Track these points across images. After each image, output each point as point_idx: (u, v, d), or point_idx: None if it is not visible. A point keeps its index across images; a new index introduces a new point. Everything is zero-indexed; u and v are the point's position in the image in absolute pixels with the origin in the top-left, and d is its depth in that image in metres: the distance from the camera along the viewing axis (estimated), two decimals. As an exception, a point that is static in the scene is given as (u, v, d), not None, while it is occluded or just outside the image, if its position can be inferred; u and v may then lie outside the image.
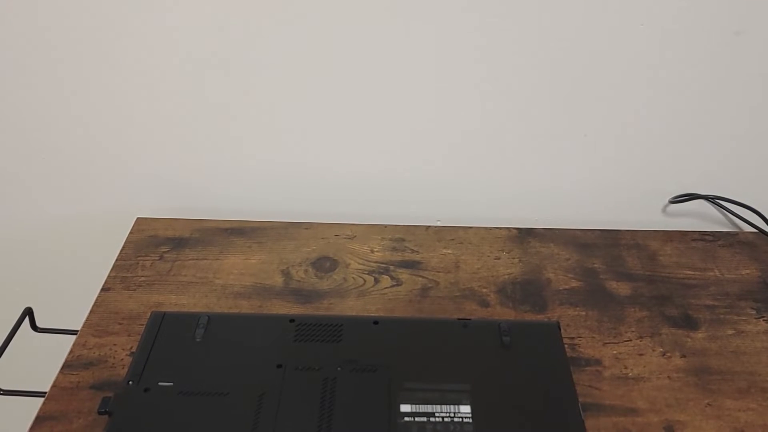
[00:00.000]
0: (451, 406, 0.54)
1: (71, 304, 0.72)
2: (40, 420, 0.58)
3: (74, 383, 0.61)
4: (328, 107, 0.78)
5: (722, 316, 0.70)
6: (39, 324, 0.68)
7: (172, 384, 0.56)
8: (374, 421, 0.53)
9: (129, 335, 0.66)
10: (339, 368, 0.58)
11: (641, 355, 0.66)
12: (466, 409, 0.54)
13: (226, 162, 0.83)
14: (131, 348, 0.64)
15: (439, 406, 0.54)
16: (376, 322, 0.62)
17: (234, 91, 0.77)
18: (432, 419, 0.53)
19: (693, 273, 0.76)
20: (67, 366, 0.63)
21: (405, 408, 0.54)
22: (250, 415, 0.53)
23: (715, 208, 0.85)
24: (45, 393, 0.60)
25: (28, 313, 0.67)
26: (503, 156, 0.81)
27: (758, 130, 0.79)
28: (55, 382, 0.62)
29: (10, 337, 0.64)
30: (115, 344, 0.65)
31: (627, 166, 0.82)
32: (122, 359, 0.64)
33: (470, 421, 0.53)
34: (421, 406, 0.54)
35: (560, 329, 0.62)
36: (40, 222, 0.87)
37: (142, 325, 0.63)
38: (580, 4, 0.70)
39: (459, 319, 0.63)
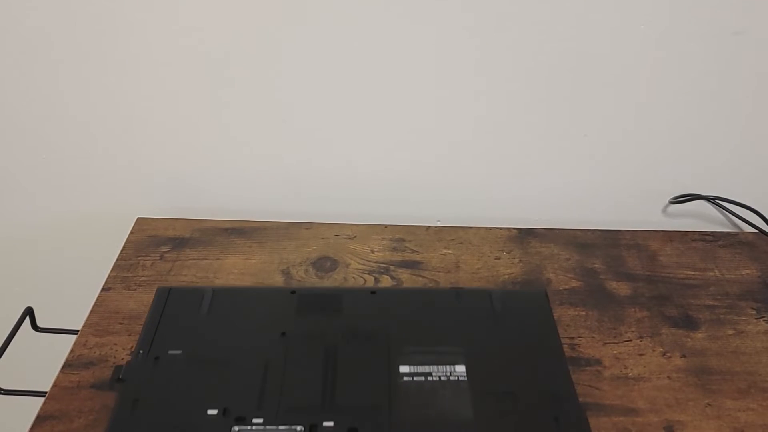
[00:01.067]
0: (447, 366, 0.57)
1: (72, 303, 0.72)
2: (40, 419, 0.58)
3: (75, 383, 0.61)
4: (328, 107, 0.78)
5: (722, 316, 0.70)
6: (39, 324, 0.68)
7: (180, 352, 0.58)
8: (376, 382, 0.56)
9: (129, 335, 0.66)
10: (340, 335, 0.60)
11: (641, 355, 0.66)
12: (461, 368, 0.57)
13: (226, 162, 0.83)
14: (132, 348, 0.64)
15: (435, 367, 0.57)
16: (373, 292, 0.65)
17: (234, 91, 0.77)
18: (430, 378, 0.56)
19: (693, 273, 0.76)
20: (67, 365, 0.63)
21: (404, 369, 0.57)
22: (257, 379, 0.56)
23: (715, 208, 0.85)
24: (45, 393, 0.60)
25: (29, 312, 0.67)
26: (503, 156, 0.81)
27: (758, 130, 0.80)
28: (55, 381, 0.62)
29: (10, 337, 0.64)
30: (115, 344, 0.65)
31: (627, 166, 0.82)
32: (123, 359, 0.64)
33: (465, 378, 0.56)
34: (419, 366, 0.57)
35: (548, 296, 0.66)
36: (40, 222, 0.88)
37: (142, 324, 0.63)
38: (580, 5, 0.70)
39: (452, 288, 0.66)
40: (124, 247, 0.77)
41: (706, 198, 0.83)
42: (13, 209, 0.87)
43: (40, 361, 0.70)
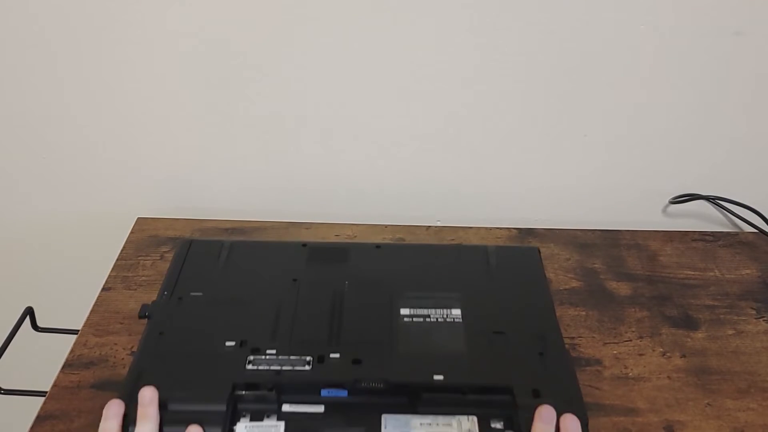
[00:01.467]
0: (444, 310, 0.62)
1: (72, 303, 0.72)
2: (40, 419, 0.58)
3: (75, 383, 0.61)
4: (327, 107, 0.78)
5: (722, 316, 0.70)
6: (40, 324, 0.68)
7: (201, 294, 0.63)
8: (378, 321, 0.61)
9: (130, 335, 0.66)
10: (346, 282, 0.65)
11: (641, 355, 0.66)
12: (456, 311, 0.62)
13: (226, 162, 0.83)
14: (132, 348, 0.64)
15: (433, 310, 0.62)
16: (378, 246, 0.70)
17: (234, 91, 0.77)
18: (428, 319, 0.61)
19: (693, 273, 0.76)
20: (67, 365, 0.63)
21: (404, 311, 0.62)
22: (271, 317, 0.61)
23: (715, 208, 0.85)
24: (46, 392, 0.61)
25: (29, 312, 0.67)
26: (503, 156, 0.81)
27: (758, 131, 0.80)
28: (55, 381, 0.62)
29: (10, 337, 0.64)
30: (115, 344, 0.65)
31: (627, 166, 0.82)
32: (123, 359, 0.64)
33: (460, 320, 0.61)
34: (418, 309, 0.62)
35: (540, 252, 0.69)
36: (40, 222, 0.88)
37: (143, 324, 0.63)
38: (580, 4, 0.70)
39: (451, 244, 0.71)
40: (124, 247, 0.77)
41: (706, 198, 0.83)
42: (14, 209, 0.87)
43: (40, 361, 0.70)
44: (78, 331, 0.67)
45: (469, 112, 0.78)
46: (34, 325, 0.68)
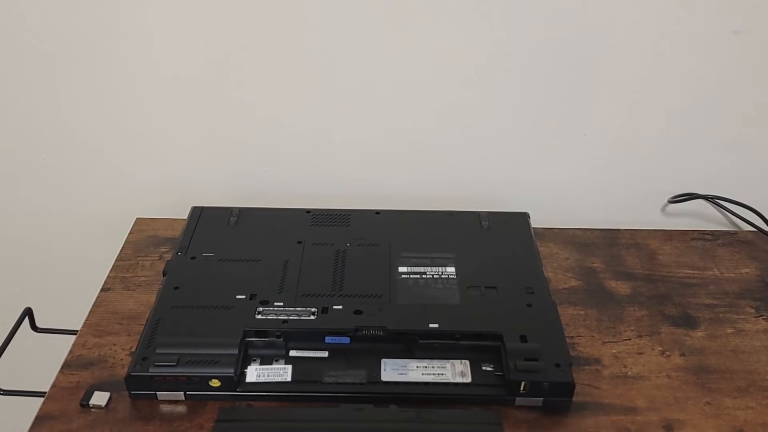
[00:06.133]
0: (439, 268, 0.68)
1: (71, 304, 0.72)
2: (40, 420, 0.58)
3: (74, 383, 0.61)
4: (327, 109, 0.78)
5: (721, 315, 0.70)
6: (39, 324, 0.68)
7: (213, 254, 0.69)
8: (378, 278, 0.66)
9: (129, 335, 0.66)
10: (348, 244, 0.70)
11: (640, 354, 0.66)
12: (451, 269, 0.68)
13: (225, 162, 0.83)
14: (131, 348, 0.64)
15: (429, 268, 0.68)
16: (378, 212, 0.75)
17: (233, 93, 0.77)
18: (424, 276, 0.67)
19: (692, 272, 0.76)
20: (66, 366, 0.63)
21: (402, 269, 0.67)
22: (278, 274, 0.66)
23: (714, 207, 0.85)
24: (45, 393, 0.60)
25: (28, 313, 0.67)
26: (502, 155, 0.82)
27: (758, 130, 0.80)
28: (54, 382, 0.62)
29: (10, 337, 0.64)
30: (114, 344, 0.65)
31: (626, 165, 0.82)
32: (122, 359, 0.64)
33: (455, 277, 0.67)
34: (415, 268, 0.68)
35: (529, 217, 0.75)
36: (39, 222, 0.87)
37: (142, 325, 0.63)
38: (579, 4, 0.70)
39: (445, 210, 0.76)
40: (123, 248, 0.77)
41: (705, 197, 0.83)
42: (13, 210, 0.87)
43: (40, 362, 0.70)
44: (77, 331, 0.67)
45: (468, 111, 0.78)
46: (33, 326, 0.68)
